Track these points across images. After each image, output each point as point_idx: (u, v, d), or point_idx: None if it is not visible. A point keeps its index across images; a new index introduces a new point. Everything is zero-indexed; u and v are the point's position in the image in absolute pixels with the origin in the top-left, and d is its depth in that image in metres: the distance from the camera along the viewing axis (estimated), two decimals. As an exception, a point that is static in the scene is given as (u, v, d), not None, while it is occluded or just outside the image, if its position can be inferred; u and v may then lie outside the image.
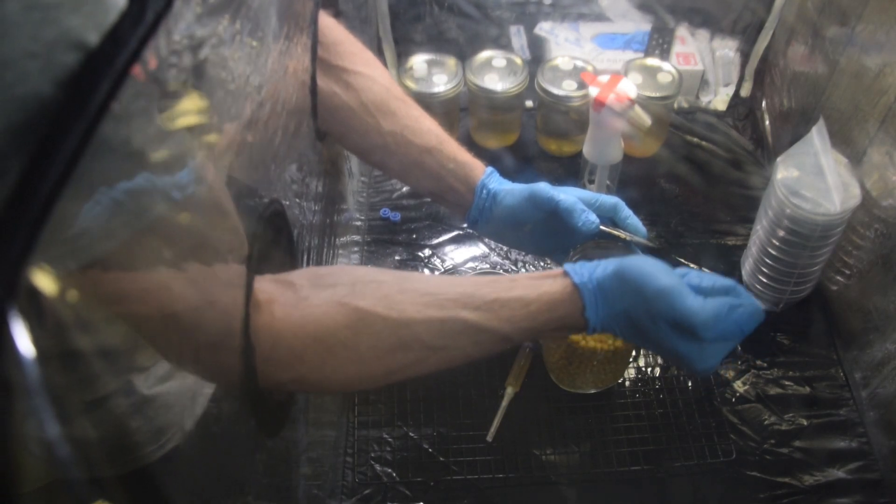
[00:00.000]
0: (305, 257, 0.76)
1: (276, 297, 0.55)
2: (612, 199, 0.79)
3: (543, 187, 0.76)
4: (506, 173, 0.81)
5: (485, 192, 0.79)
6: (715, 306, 0.61)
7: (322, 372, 0.58)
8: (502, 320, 0.60)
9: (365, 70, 0.77)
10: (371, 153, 0.82)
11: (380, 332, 0.57)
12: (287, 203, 0.65)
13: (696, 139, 1.21)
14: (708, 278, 0.64)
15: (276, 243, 0.66)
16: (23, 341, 0.24)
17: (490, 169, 0.80)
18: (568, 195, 0.76)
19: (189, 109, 0.37)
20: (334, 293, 0.58)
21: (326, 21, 0.75)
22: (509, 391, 0.88)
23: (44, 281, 0.27)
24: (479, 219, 0.80)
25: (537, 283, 0.63)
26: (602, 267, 0.63)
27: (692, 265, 1.03)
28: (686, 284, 0.62)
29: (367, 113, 0.77)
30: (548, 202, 0.75)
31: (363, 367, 0.59)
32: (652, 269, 0.62)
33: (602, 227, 0.75)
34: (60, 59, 0.28)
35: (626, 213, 0.79)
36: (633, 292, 0.61)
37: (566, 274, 0.63)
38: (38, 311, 0.27)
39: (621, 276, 0.62)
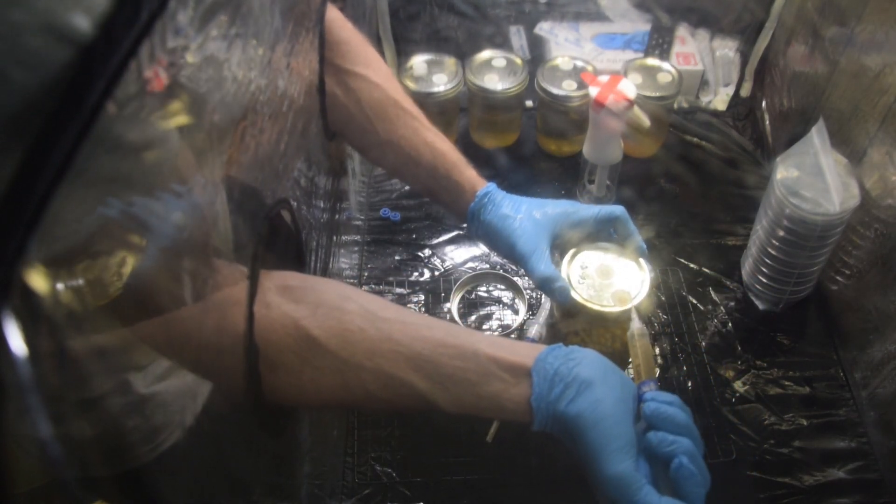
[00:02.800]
0: (313, 257, 0.76)
1: (240, 298, 0.53)
2: (615, 212, 0.76)
3: (524, 249, 0.74)
4: (505, 173, 0.81)
5: (474, 221, 0.78)
6: None
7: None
8: (449, 398, 0.57)
9: (366, 72, 0.77)
10: (367, 152, 0.82)
11: (325, 367, 0.55)
12: (295, 203, 0.65)
13: (695, 139, 1.21)
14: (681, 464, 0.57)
15: (284, 243, 0.66)
16: (16, 340, 0.24)
17: (482, 193, 0.78)
18: (543, 263, 0.72)
19: (179, 109, 0.37)
20: (295, 310, 0.56)
21: (334, 16, 0.75)
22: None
23: (37, 280, 0.27)
24: (475, 235, 0.80)
25: (496, 377, 0.58)
26: (567, 398, 0.57)
27: (692, 264, 1.04)
28: (644, 477, 0.56)
29: (365, 117, 0.76)
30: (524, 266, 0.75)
31: (301, 394, 0.57)
32: (615, 445, 0.56)
33: (573, 297, 0.74)
34: (28, 42, 0.28)
35: (630, 229, 0.77)
36: (584, 453, 0.56)
37: (529, 376, 0.58)
38: (31, 310, 0.27)
39: (580, 430, 0.56)
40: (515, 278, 1.01)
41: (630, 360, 0.70)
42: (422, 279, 1.03)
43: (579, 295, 0.75)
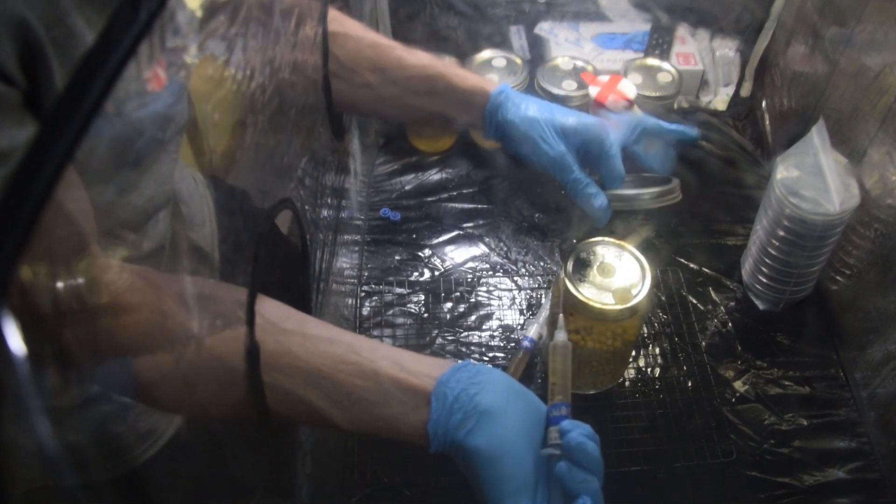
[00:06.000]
0: (318, 256, 0.76)
1: (145, 301, 0.49)
2: (646, 123, 0.77)
3: (553, 155, 0.73)
4: (505, 173, 0.81)
5: (493, 122, 0.76)
6: None
7: (157, 401, 0.54)
8: (346, 417, 0.56)
9: (334, 28, 0.74)
10: (363, 105, 0.81)
11: (223, 379, 0.53)
12: (299, 203, 0.65)
13: (696, 139, 1.21)
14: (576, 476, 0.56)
15: (288, 242, 0.66)
16: (14, 339, 0.24)
17: (497, 91, 0.75)
18: (574, 169, 0.73)
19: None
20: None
21: None
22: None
23: (34, 279, 0.27)
24: (495, 137, 0.78)
25: (394, 399, 0.56)
26: (465, 428, 0.55)
27: (692, 264, 1.04)
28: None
29: (348, 70, 0.75)
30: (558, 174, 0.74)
31: (194, 406, 0.55)
32: (512, 486, 0.54)
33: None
34: None
35: (663, 129, 0.77)
36: (481, 488, 0.55)
37: (429, 402, 0.56)
38: (29, 309, 0.27)
39: (478, 465, 0.55)
40: (516, 279, 1.01)
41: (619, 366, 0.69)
42: (422, 279, 1.03)
43: (580, 293, 0.75)
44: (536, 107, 0.76)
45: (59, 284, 0.40)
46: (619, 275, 0.78)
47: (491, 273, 1.03)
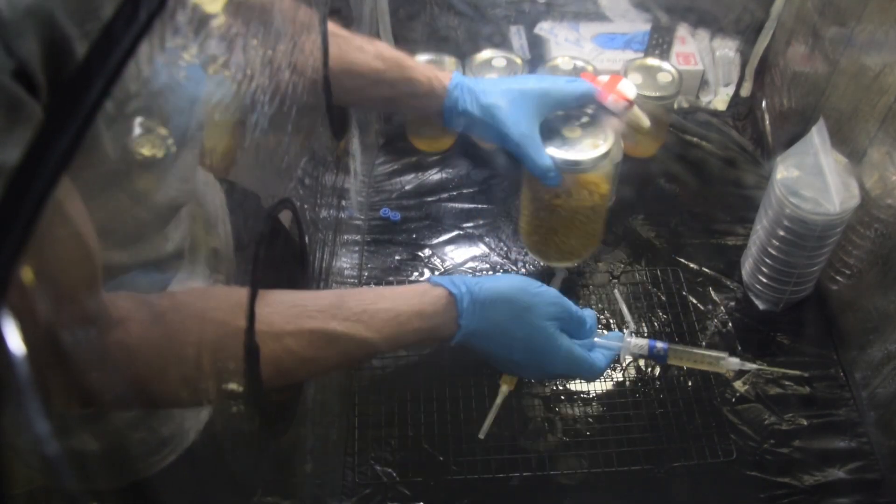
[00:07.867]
0: (317, 255, 0.76)
1: (133, 315, 0.48)
2: (585, 89, 0.80)
3: (517, 138, 0.77)
4: (506, 173, 0.81)
5: (454, 115, 0.79)
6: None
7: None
8: (371, 330, 0.60)
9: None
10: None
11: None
12: (298, 203, 0.65)
13: (695, 139, 1.21)
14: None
15: (287, 243, 0.66)
16: (14, 339, 0.24)
17: (452, 85, 0.79)
18: (540, 154, 0.77)
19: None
20: (197, 310, 0.53)
21: None
22: (504, 389, 0.87)
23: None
24: (459, 128, 0.82)
25: (407, 295, 0.63)
26: (478, 284, 0.65)
27: (692, 264, 1.04)
28: None
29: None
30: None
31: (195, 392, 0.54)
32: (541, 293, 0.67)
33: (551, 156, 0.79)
34: None
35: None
36: (511, 304, 0.64)
37: (439, 286, 0.65)
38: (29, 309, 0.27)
39: (501, 294, 0.65)
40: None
41: None
42: (422, 279, 1.03)
43: (556, 151, 0.80)
44: (489, 91, 0.78)
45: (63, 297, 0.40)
46: (585, 132, 0.83)
47: (491, 273, 1.03)
